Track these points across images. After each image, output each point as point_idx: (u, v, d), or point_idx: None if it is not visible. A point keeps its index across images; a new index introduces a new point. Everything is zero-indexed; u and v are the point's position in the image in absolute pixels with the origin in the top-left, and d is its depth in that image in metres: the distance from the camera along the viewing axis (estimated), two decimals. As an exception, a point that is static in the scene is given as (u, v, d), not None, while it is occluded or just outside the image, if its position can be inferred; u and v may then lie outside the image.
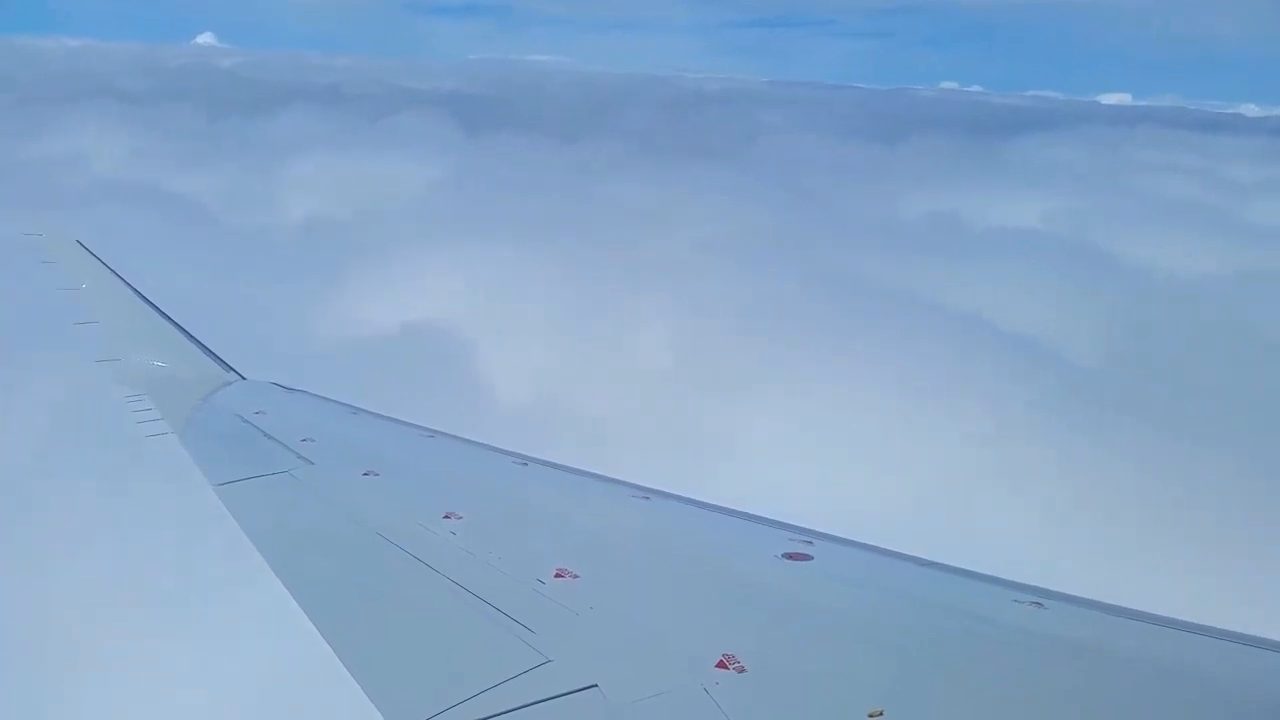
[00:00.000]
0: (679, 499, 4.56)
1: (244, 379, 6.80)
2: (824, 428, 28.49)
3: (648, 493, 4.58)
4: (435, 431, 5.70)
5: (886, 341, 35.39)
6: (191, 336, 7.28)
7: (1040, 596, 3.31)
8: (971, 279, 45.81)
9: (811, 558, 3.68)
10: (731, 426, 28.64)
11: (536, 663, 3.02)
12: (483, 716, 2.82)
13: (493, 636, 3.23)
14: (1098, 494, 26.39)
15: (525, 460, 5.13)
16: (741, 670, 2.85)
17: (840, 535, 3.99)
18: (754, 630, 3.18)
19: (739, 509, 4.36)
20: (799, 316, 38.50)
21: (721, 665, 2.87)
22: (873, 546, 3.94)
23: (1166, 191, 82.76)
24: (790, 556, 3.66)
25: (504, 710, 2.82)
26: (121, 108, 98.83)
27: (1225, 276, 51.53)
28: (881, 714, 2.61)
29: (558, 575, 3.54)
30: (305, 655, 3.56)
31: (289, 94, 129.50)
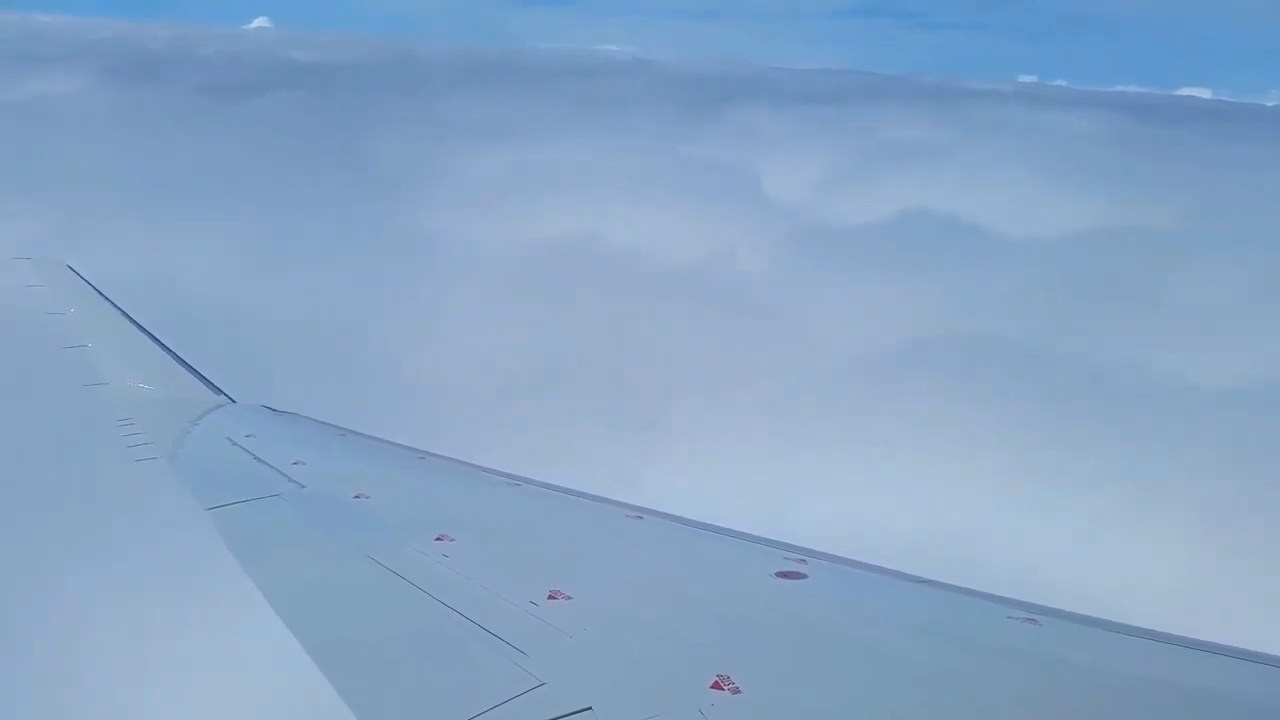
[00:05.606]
0: (671, 518, 4.55)
1: (234, 402, 6.79)
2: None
3: (641, 512, 4.57)
4: (427, 453, 5.69)
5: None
6: (181, 360, 7.26)
7: (1035, 613, 3.31)
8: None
9: (805, 576, 3.67)
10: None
11: (530, 686, 2.99)
12: None
13: (486, 660, 3.20)
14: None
15: (518, 481, 5.12)
16: (736, 691, 2.84)
17: (834, 553, 4.00)
18: (749, 651, 3.17)
19: (732, 528, 4.36)
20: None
21: (716, 686, 2.85)
22: (866, 564, 3.94)
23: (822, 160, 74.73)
24: (784, 575, 3.65)
25: None
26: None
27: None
28: None
29: (551, 597, 3.52)
30: (297, 680, 3.53)
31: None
